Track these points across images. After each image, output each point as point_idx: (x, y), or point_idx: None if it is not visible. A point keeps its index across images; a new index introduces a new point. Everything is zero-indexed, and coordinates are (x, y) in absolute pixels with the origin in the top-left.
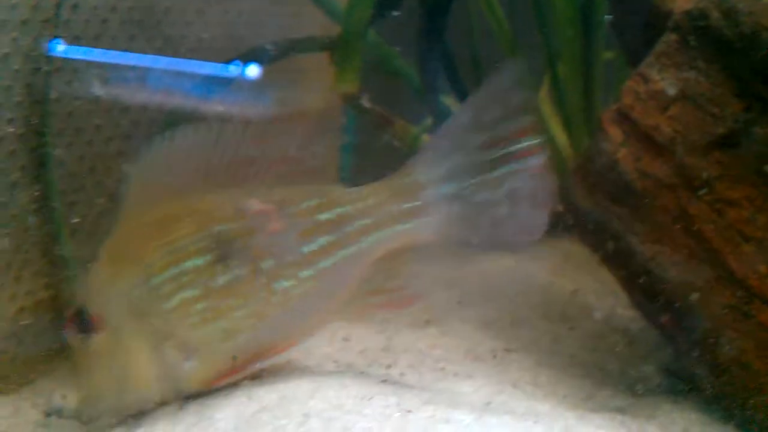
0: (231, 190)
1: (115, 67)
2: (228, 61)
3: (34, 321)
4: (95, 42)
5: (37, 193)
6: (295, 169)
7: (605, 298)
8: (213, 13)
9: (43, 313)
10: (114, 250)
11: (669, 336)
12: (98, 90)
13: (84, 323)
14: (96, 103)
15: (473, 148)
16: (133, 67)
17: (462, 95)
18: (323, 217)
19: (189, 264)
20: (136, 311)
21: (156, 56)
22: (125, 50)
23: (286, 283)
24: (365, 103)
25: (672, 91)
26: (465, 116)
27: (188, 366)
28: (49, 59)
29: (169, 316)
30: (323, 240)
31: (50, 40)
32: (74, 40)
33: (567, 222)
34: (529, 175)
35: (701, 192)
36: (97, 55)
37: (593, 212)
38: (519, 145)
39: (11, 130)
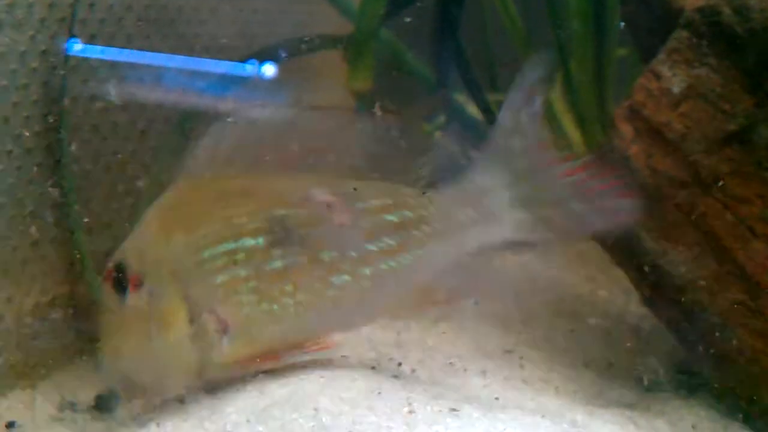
0: (299, 175)
1: (131, 66)
2: (243, 60)
3: (50, 317)
4: (111, 41)
5: (53, 191)
6: (359, 164)
7: (617, 294)
8: (227, 11)
9: (59, 309)
10: (166, 214)
11: (679, 333)
12: (114, 89)
13: (121, 280)
14: (112, 101)
15: (526, 147)
16: (149, 66)
17: (475, 92)
18: (390, 217)
19: (245, 242)
20: (181, 278)
21: (172, 55)
22: (141, 49)
23: (344, 278)
24: (378, 111)
25: (683, 88)
26: (507, 118)
27: (224, 342)
28: (66, 58)
29: (215, 290)
30: (388, 241)
31: (67, 39)
32: (90, 39)
33: None
34: (597, 173)
35: (712, 188)
36: (113, 54)
37: None
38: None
39: (28, 128)
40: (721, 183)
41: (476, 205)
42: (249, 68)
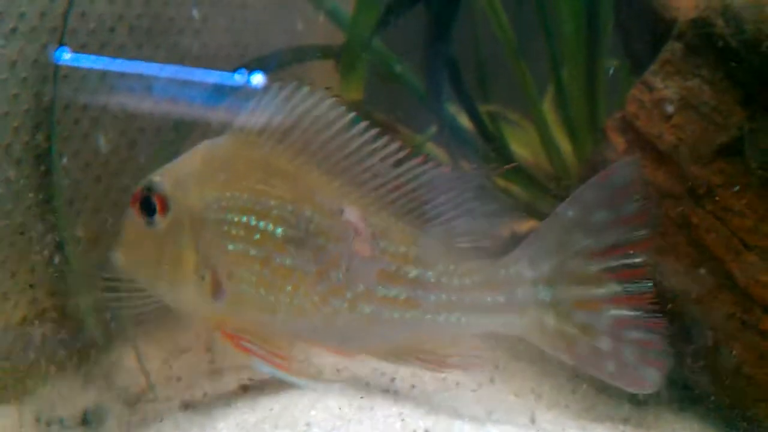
0: (343, 188)
1: (122, 75)
2: (234, 70)
3: (38, 330)
4: (102, 50)
5: (42, 201)
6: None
7: None
8: (219, 21)
9: (47, 322)
10: (210, 161)
11: (672, 345)
12: (105, 98)
13: (150, 200)
14: (103, 110)
15: (579, 252)
16: (140, 76)
17: (466, 103)
18: (410, 271)
19: (265, 225)
20: (200, 229)
21: (163, 65)
22: (133, 59)
23: (343, 305)
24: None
25: (676, 99)
26: (572, 212)
27: (215, 304)
28: (57, 67)
29: (224, 255)
30: (398, 291)
31: (57, 48)
32: (81, 49)
33: None
34: (641, 319)
35: (704, 200)
36: (104, 63)
37: None
38: (626, 261)
39: (18, 137)
40: (710, 196)
41: (508, 293)
42: (239, 78)
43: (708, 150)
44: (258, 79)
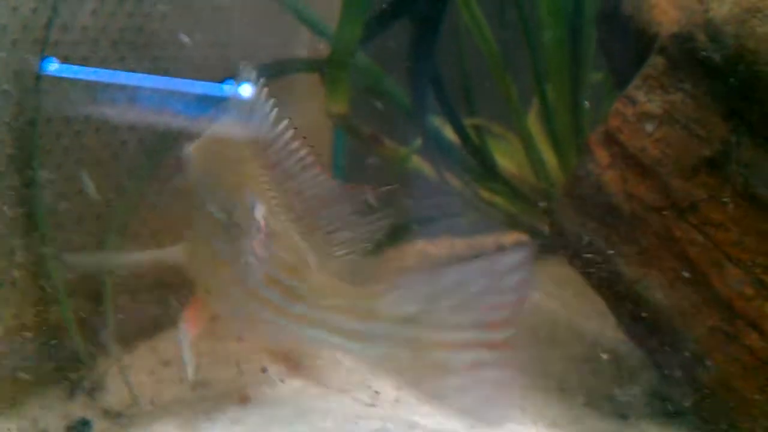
0: (262, 186)
1: (106, 86)
2: (220, 81)
3: (21, 343)
4: (84, 63)
5: (24, 216)
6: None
7: (594, 319)
8: (204, 34)
9: (30, 335)
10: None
11: (656, 358)
12: (88, 110)
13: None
14: (86, 123)
15: (448, 306)
16: (124, 87)
17: (450, 116)
18: (286, 279)
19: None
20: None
21: (147, 75)
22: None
23: (238, 296)
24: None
25: (659, 114)
26: (454, 275)
27: None
28: (39, 79)
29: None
30: (274, 297)
31: (42, 60)
32: (64, 61)
33: (555, 243)
34: (494, 365)
35: (687, 214)
36: (87, 74)
37: (580, 234)
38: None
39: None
40: (693, 210)
41: (369, 325)
42: (226, 89)
43: (691, 163)
44: (246, 89)
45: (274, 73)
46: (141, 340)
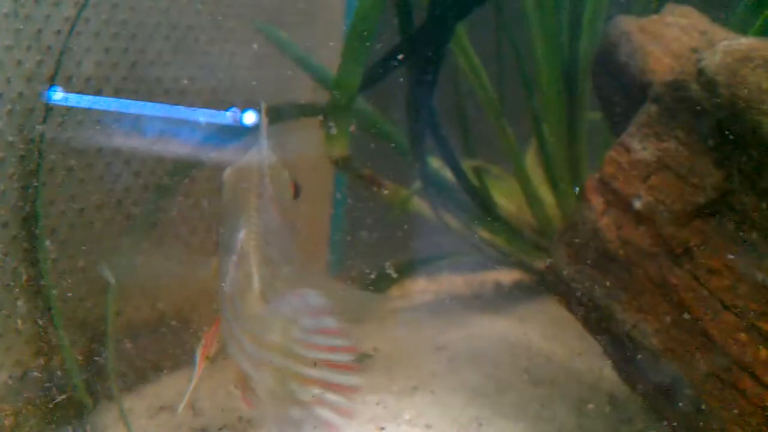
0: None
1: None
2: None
3: (23, 391)
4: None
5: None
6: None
7: (593, 360)
8: (202, 79)
9: (32, 381)
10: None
11: (652, 403)
12: (90, 135)
13: None
14: (86, 146)
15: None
16: (132, 115)
17: (448, 158)
18: (237, 301)
19: None
20: None
21: (150, 103)
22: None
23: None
24: None
25: (653, 161)
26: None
27: None
28: (46, 103)
29: None
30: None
31: (49, 87)
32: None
33: (552, 288)
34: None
35: (682, 260)
36: (94, 102)
37: (576, 279)
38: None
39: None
40: (688, 257)
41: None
42: (229, 116)
43: (685, 210)
44: (250, 117)
45: (273, 118)
46: (142, 383)
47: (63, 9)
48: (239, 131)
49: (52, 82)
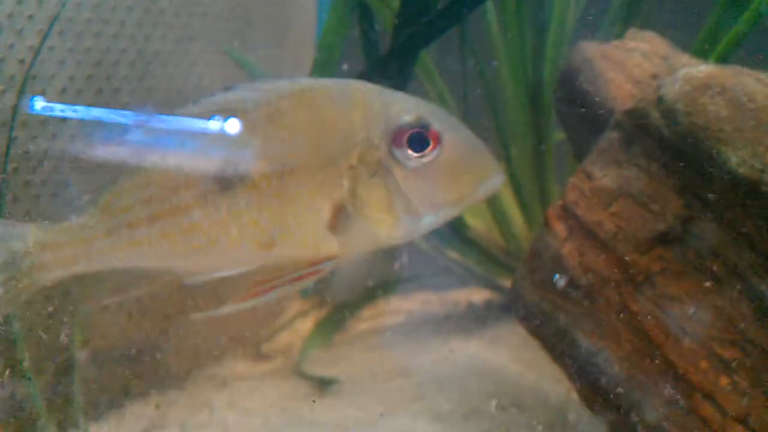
0: None
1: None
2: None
3: None
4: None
5: None
6: None
7: (560, 384)
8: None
9: None
10: None
11: (616, 429)
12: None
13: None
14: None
15: None
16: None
17: None
18: None
19: None
20: None
21: (135, 112)
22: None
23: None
24: None
25: (614, 188)
26: None
27: None
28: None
29: None
30: None
31: (30, 97)
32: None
33: (516, 314)
34: None
35: (643, 287)
36: (76, 112)
37: (540, 305)
38: None
39: None
40: (649, 283)
41: None
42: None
43: (646, 238)
44: (233, 125)
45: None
46: (109, 409)
47: (27, 37)
48: None
49: (13, 111)
